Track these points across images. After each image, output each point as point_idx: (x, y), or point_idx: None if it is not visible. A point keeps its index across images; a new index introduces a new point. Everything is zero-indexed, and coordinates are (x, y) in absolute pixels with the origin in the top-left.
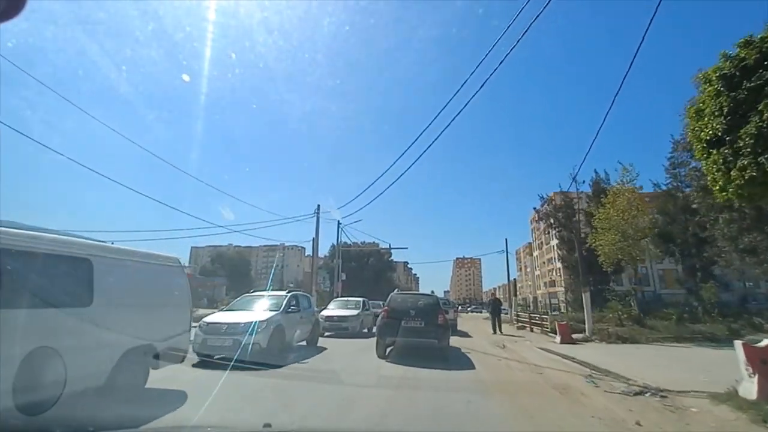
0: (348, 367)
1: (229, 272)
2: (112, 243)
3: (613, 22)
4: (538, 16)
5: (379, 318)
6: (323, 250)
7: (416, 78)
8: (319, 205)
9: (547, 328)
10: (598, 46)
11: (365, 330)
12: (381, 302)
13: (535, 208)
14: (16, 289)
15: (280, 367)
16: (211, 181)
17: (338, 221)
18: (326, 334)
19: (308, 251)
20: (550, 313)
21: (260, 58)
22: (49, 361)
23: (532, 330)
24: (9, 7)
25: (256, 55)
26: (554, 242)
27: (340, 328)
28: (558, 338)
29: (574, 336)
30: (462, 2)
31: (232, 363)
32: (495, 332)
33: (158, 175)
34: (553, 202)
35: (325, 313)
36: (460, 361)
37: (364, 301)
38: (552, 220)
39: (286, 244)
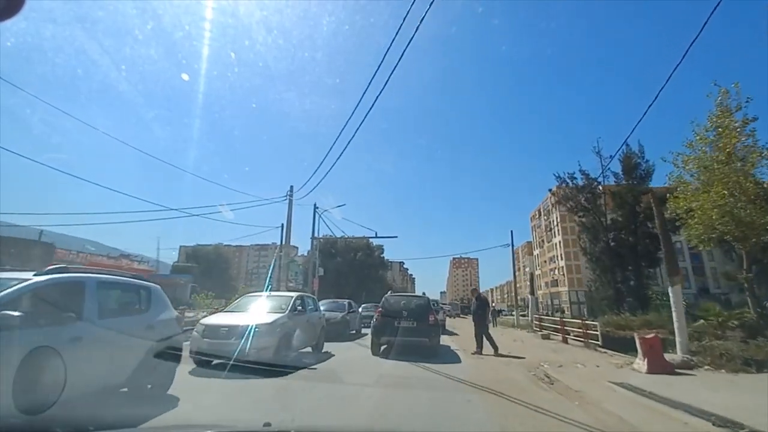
0: None
1: (204, 270)
2: None
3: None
4: None
5: (374, 318)
6: (308, 245)
7: (415, 76)
8: (291, 187)
9: (595, 340)
10: (596, 45)
11: (308, 348)
12: (348, 302)
13: (550, 190)
14: None
15: None
16: (210, 180)
17: (314, 204)
18: (214, 362)
19: (302, 250)
20: (599, 319)
21: (260, 57)
22: None
23: (565, 341)
24: (8, 7)
25: (255, 54)
26: (557, 239)
27: (230, 352)
28: (642, 363)
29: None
30: (462, 1)
31: None
32: (480, 351)
33: (156, 170)
34: (574, 182)
35: (206, 321)
36: None
37: (301, 299)
38: (572, 204)
39: (277, 243)
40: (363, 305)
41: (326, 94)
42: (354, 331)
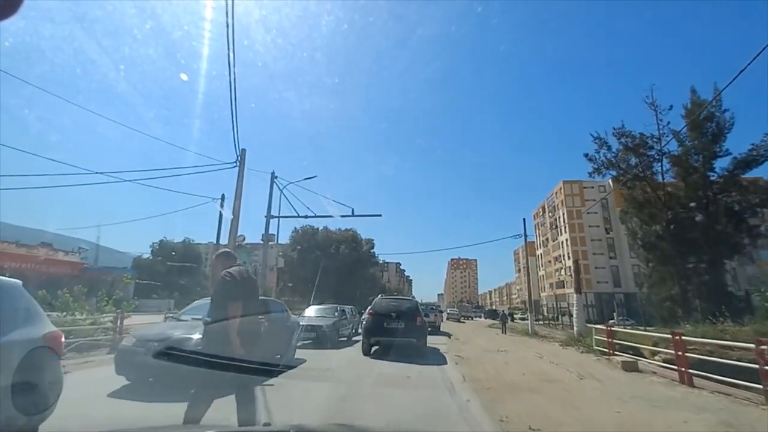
0: None
1: (170, 268)
2: None
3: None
4: None
5: (365, 320)
6: (284, 237)
7: (415, 76)
8: (244, 150)
9: None
10: (595, 44)
11: None
12: (274, 306)
13: (587, 155)
14: None
15: None
16: (210, 181)
17: (272, 173)
18: None
19: (281, 238)
20: (676, 329)
21: (259, 57)
22: None
23: (690, 383)
24: (6, 6)
25: (254, 54)
26: (563, 237)
27: None
28: None
29: None
30: (461, 0)
31: None
32: None
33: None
34: (624, 141)
35: None
36: None
37: None
38: (620, 171)
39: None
40: (314, 307)
41: (325, 94)
42: (282, 365)
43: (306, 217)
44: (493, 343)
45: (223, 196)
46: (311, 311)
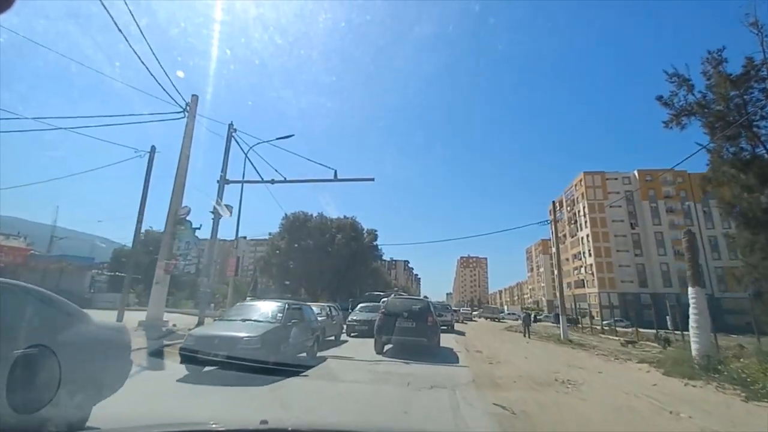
0: None
1: (153, 259)
2: None
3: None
4: None
5: (377, 319)
6: (273, 226)
7: (412, 74)
8: (195, 96)
9: None
10: (593, 43)
11: None
12: None
13: (661, 99)
14: None
15: None
16: (207, 183)
17: (230, 124)
18: None
19: (268, 227)
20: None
21: (256, 55)
22: None
23: None
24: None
25: (251, 52)
26: (583, 233)
27: None
28: None
29: None
30: (459, 0)
31: None
32: None
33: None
34: (721, 69)
35: None
36: None
37: None
38: (714, 117)
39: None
40: (246, 305)
41: (322, 93)
42: None
43: (273, 182)
44: (535, 361)
45: (153, 147)
46: (238, 311)
